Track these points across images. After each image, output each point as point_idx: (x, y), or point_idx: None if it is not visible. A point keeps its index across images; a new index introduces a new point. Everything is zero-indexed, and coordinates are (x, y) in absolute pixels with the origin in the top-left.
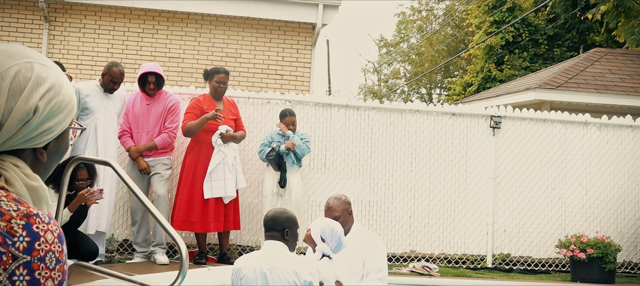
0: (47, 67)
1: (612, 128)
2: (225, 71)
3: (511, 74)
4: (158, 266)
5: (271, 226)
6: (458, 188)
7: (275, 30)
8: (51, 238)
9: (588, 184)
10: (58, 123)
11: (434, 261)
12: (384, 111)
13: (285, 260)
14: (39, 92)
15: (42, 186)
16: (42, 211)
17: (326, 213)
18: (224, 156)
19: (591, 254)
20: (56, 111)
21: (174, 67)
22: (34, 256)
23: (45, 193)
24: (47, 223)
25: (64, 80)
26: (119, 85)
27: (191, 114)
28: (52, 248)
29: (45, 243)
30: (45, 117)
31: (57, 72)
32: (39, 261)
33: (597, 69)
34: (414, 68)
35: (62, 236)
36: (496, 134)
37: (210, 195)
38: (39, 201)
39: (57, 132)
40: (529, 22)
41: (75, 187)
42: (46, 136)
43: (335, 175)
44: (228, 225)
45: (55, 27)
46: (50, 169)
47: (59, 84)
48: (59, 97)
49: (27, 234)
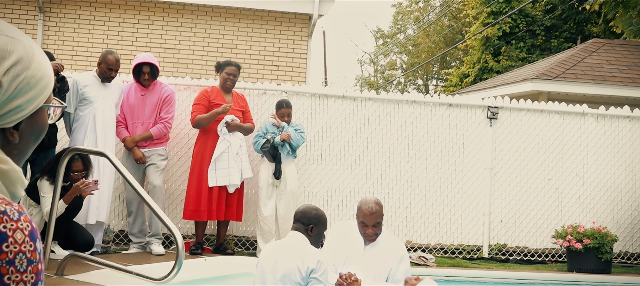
0: (14, 39)
1: (609, 119)
2: (237, 64)
3: (508, 65)
4: (154, 257)
5: (298, 219)
6: (455, 178)
7: (271, 21)
8: (21, 237)
9: (585, 175)
10: (29, 101)
11: (430, 252)
12: (380, 102)
13: (297, 246)
14: (2, 67)
15: (14, 169)
16: (10, 207)
17: (368, 218)
18: (228, 144)
19: (588, 244)
20: (25, 87)
21: (170, 58)
22: (1, 260)
23: (18, 175)
24: (16, 220)
25: (35, 54)
26: (116, 72)
27: (200, 106)
28: (22, 249)
29: (14, 243)
30: (12, 94)
31: (27, 46)
32: (7, 265)
33: (595, 59)
34: (410, 59)
35: (34, 233)
36: (493, 125)
37: (215, 183)
38: (12, 185)
39: (29, 110)
40: (526, 13)
41: (70, 178)
42: (16, 115)
43: (331, 166)
44: (231, 215)
45: (50, 18)
46: (25, 151)
47: (29, 57)
48: (27, 72)
49: None
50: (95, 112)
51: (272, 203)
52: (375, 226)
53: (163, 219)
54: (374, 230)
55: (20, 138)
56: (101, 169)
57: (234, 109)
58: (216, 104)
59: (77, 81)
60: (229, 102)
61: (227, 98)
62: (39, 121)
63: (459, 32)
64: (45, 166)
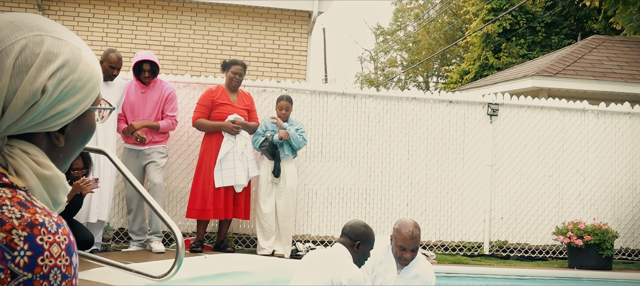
0: (61, 41)
1: (609, 115)
2: (243, 63)
3: (508, 62)
4: (154, 255)
5: (347, 233)
6: (455, 175)
7: (271, 18)
8: (57, 251)
9: (585, 171)
10: (74, 104)
11: (431, 249)
12: (380, 99)
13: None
14: (48, 71)
15: (57, 175)
16: (49, 219)
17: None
18: (233, 144)
19: (588, 241)
20: (70, 91)
21: (169, 56)
22: (36, 274)
23: (61, 181)
24: (54, 233)
25: (83, 55)
26: (118, 71)
27: (203, 107)
28: (57, 263)
29: (50, 257)
30: (57, 98)
31: (75, 47)
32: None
33: (595, 56)
34: (411, 56)
35: (71, 247)
36: (493, 122)
37: (221, 184)
38: (54, 191)
39: (75, 114)
40: (527, 10)
41: (70, 176)
42: (61, 118)
43: (331, 163)
44: (239, 213)
45: (49, 15)
46: (71, 155)
47: (76, 60)
48: (73, 76)
49: (29, 247)
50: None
51: (272, 200)
52: (413, 251)
53: (163, 217)
54: (412, 255)
55: (66, 142)
56: (102, 168)
57: (240, 107)
58: (221, 104)
59: None
60: (234, 103)
61: (233, 97)
62: (86, 123)
63: (459, 29)
64: None
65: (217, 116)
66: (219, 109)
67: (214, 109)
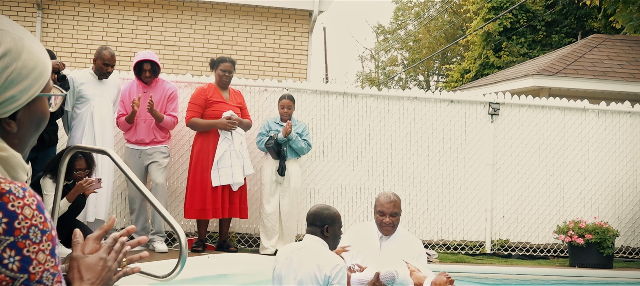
0: (2, 31)
1: (610, 114)
2: (232, 60)
3: (509, 61)
4: (157, 255)
5: (312, 221)
6: (456, 174)
7: (271, 17)
8: (29, 212)
9: (586, 170)
10: (22, 91)
11: (433, 248)
12: (382, 99)
13: (314, 250)
14: None
15: (13, 154)
16: (14, 185)
17: (385, 206)
18: (230, 143)
19: (589, 239)
20: (16, 78)
21: (170, 55)
22: (17, 236)
23: (18, 160)
24: (21, 197)
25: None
26: (113, 68)
27: (195, 105)
28: (33, 222)
29: (25, 219)
30: (3, 85)
31: (17, 36)
32: (23, 239)
33: (596, 55)
34: (411, 55)
35: (41, 205)
36: (494, 121)
37: (218, 183)
38: (13, 170)
39: (24, 100)
40: (527, 8)
41: (73, 177)
42: (9, 105)
43: (333, 162)
44: (234, 212)
45: (48, 15)
46: (26, 140)
47: (18, 49)
48: (17, 63)
49: (3, 215)
50: (92, 109)
51: (276, 200)
52: (392, 216)
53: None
54: (391, 220)
55: (19, 128)
56: (100, 167)
57: (233, 105)
58: (214, 102)
59: (73, 79)
60: (227, 101)
61: (225, 95)
62: (38, 110)
63: (460, 28)
64: (48, 165)
65: (211, 114)
66: (213, 107)
67: (207, 107)
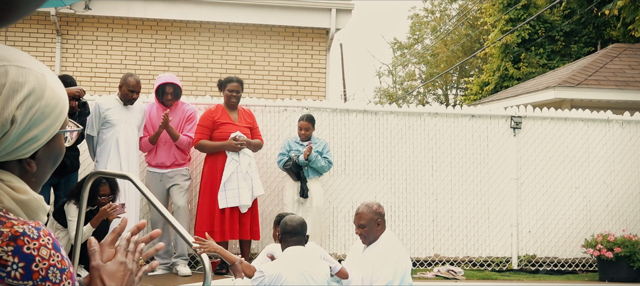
0: (26, 69)
1: (634, 124)
2: (239, 80)
3: (529, 72)
4: (180, 278)
5: (299, 231)
6: (480, 190)
7: (288, 36)
8: (46, 253)
9: (612, 182)
10: (44, 130)
11: (458, 265)
12: (402, 115)
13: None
14: (15, 100)
15: (34, 198)
16: (28, 226)
17: (354, 218)
18: (237, 164)
19: (618, 253)
20: (39, 118)
21: (188, 77)
22: (35, 280)
23: (39, 203)
24: (36, 238)
25: (48, 81)
26: (138, 94)
27: (203, 128)
28: (51, 263)
29: (43, 260)
30: (26, 126)
31: (39, 74)
32: (43, 282)
33: (617, 65)
34: (429, 69)
35: (56, 243)
36: (517, 135)
37: (225, 205)
38: (33, 214)
39: (45, 139)
40: (545, 19)
41: (97, 202)
42: (31, 145)
43: (355, 180)
44: (245, 234)
45: (67, 40)
46: (43, 178)
47: (41, 87)
48: (41, 103)
49: (20, 259)
50: (118, 135)
51: None
52: (360, 227)
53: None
54: (359, 231)
55: (38, 166)
56: (126, 192)
57: (242, 125)
58: (222, 123)
59: (99, 104)
60: (235, 121)
61: (234, 115)
62: (56, 147)
63: (477, 41)
64: (72, 190)
65: (219, 136)
66: (220, 128)
67: (215, 129)
